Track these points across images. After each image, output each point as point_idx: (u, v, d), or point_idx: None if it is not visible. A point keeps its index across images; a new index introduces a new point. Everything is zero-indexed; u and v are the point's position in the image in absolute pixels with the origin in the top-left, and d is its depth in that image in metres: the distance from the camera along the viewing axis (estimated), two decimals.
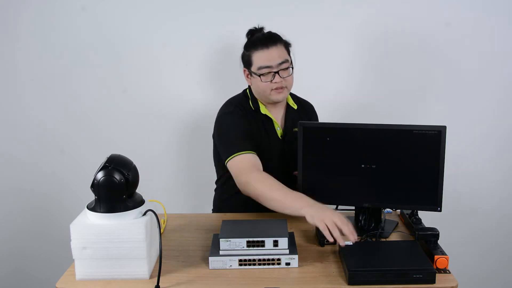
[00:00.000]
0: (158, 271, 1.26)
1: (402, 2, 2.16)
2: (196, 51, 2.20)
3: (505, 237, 2.39)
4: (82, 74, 2.23)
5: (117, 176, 1.27)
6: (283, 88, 1.73)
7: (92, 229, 1.26)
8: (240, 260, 1.34)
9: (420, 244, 1.42)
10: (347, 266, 1.28)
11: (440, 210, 1.53)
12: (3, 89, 2.25)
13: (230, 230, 1.40)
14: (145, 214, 1.32)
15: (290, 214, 1.46)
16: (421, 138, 1.50)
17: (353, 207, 1.67)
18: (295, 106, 1.86)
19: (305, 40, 2.07)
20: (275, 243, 1.34)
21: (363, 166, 1.56)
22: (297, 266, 1.35)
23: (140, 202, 1.33)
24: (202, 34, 2.18)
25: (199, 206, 2.31)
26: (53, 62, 2.21)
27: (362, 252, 1.38)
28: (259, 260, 1.34)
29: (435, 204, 1.53)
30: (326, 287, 1.26)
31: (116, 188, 1.27)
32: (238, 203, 1.75)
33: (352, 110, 2.24)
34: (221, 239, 1.35)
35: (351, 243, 1.40)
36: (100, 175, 1.27)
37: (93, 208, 1.29)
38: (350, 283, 1.26)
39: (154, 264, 1.37)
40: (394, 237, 1.56)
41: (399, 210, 1.76)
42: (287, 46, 1.76)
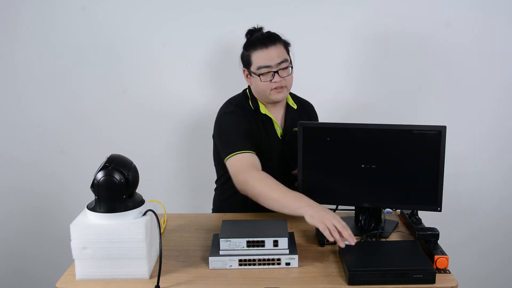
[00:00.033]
0: (158, 271, 1.26)
1: (402, 2, 2.16)
2: (196, 51, 2.20)
3: (505, 237, 2.39)
4: (82, 74, 2.23)
5: (117, 176, 1.27)
6: (283, 87, 1.73)
7: (92, 229, 1.27)
8: (240, 260, 1.34)
9: (420, 244, 1.42)
10: (347, 266, 1.28)
11: (440, 210, 1.53)
12: (3, 89, 2.25)
13: (230, 230, 1.40)
14: (145, 214, 1.32)
15: (289, 213, 1.46)
16: (421, 138, 1.50)
17: (353, 207, 1.67)
18: (295, 106, 1.86)
19: (305, 40, 2.08)
20: (275, 243, 1.34)
21: (363, 166, 1.56)
22: (297, 266, 1.35)
23: (140, 202, 1.33)
24: (202, 34, 2.18)
25: (199, 206, 2.31)
26: (53, 62, 2.21)
27: (362, 252, 1.38)
28: (259, 260, 1.34)
29: (435, 204, 1.53)
30: (326, 287, 1.26)
31: (116, 188, 1.27)
32: (238, 203, 1.76)
33: (352, 110, 2.24)
34: (221, 239, 1.35)
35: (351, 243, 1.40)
36: (100, 175, 1.27)
37: (93, 208, 1.29)
38: (350, 283, 1.26)
39: (154, 264, 1.37)
40: (394, 237, 1.56)
41: (399, 210, 1.76)
42: (286, 45, 1.76)
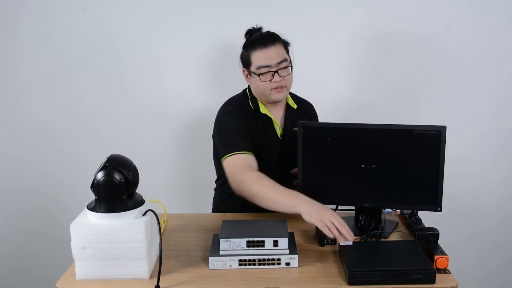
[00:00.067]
0: (158, 271, 1.26)
1: (402, 2, 2.15)
2: (196, 51, 2.20)
3: (505, 237, 2.39)
4: (82, 74, 2.23)
5: (117, 176, 1.27)
6: (283, 87, 1.73)
7: (92, 229, 1.27)
8: (240, 260, 1.34)
9: (420, 244, 1.42)
10: (347, 266, 1.28)
11: (440, 210, 1.53)
12: (3, 89, 2.25)
13: (230, 230, 1.40)
14: (145, 214, 1.32)
15: (286, 212, 1.46)
16: (421, 138, 1.50)
17: (353, 207, 1.67)
18: (295, 106, 1.86)
19: (305, 40, 2.08)
20: (275, 243, 1.34)
21: (363, 166, 1.56)
22: (297, 266, 1.35)
23: (140, 202, 1.33)
24: (202, 34, 2.18)
25: (199, 206, 2.31)
26: (53, 62, 2.21)
27: (362, 252, 1.38)
28: (259, 260, 1.34)
29: (435, 204, 1.53)
30: (326, 287, 1.26)
31: (116, 188, 1.27)
32: (238, 202, 1.75)
33: (352, 110, 2.24)
34: (221, 239, 1.35)
35: (351, 243, 1.40)
36: (100, 175, 1.27)
37: (93, 208, 1.29)
38: (350, 283, 1.26)
39: (154, 264, 1.37)
40: (394, 237, 1.56)
41: (399, 210, 1.76)
42: (286, 45, 1.76)
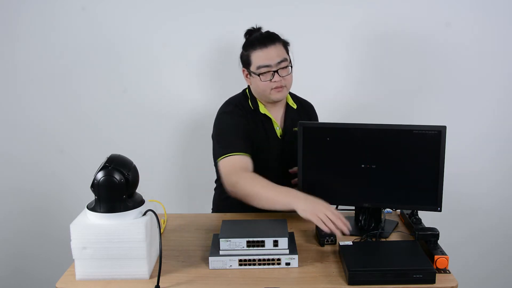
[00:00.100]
0: (158, 271, 1.26)
1: (402, 2, 2.15)
2: (196, 51, 2.20)
3: (505, 237, 2.39)
4: (82, 74, 2.23)
5: (117, 176, 1.27)
6: (283, 87, 1.73)
7: (92, 229, 1.27)
8: (240, 260, 1.34)
9: (420, 244, 1.42)
10: (347, 266, 1.28)
11: (440, 210, 1.53)
12: (3, 89, 2.25)
13: (230, 230, 1.40)
14: (145, 214, 1.32)
15: (281, 209, 1.46)
16: (421, 138, 1.50)
17: (353, 207, 1.67)
18: (295, 106, 1.86)
19: (305, 40, 2.08)
20: (275, 243, 1.34)
21: (363, 166, 1.56)
22: (297, 266, 1.35)
23: (140, 202, 1.33)
24: (202, 34, 2.17)
25: (199, 206, 2.31)
26: (53, 62, 2.21)
27: (362, 252, 1.38)
28: (259, 260, 1.34)
29: (435, 204, 1.53)
30: (326, 287, 1.26)
31: (116, 188, 1.27)
32: (238, 202, 1.74)
33: (352, 110, 2.24)
34: (221, 239, 1.35)
35: (351, 243, 1.40)
36: (100, 175, 1.27)
37: (93, 208, 1.29)
38: (350, 283, 1.26)
39: (154, 264, 1.37)
40: (394, 237, 1.56)
41: (399, 210, 1.75)
42: (286, 45, 1.76)
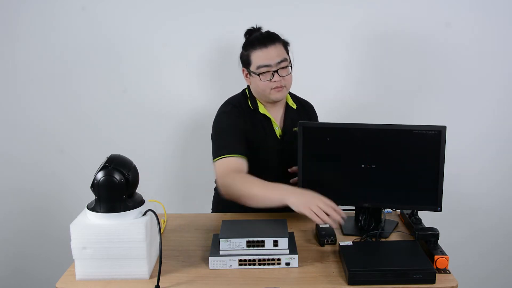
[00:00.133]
0: (158, 271, 1.26)
1: (402, 2, 2.15)
2: (196, 51, 2.20)
3: (505, 237, 2.39)
4: (82, 74, 2.23)
5: (117, 176, 1.27)
6: (282, 87, 1.73)
7: (92, 229, 1.26)
8: (240, 260, 1.34)
9: (420, 244, 1.42)
10: (347, 266, 1.28)
11: (440, 210, 1.53)
12: (3, 89, 2.25)
13: (230, 230, 1.40)
14: (145, 214, 1.32)
15: (275, 205, 1.46)
16: (421, 138, 1.50)
17: (353, 207, 1.67)
18: (295, 106, 1.86)
19: (305, 40, 2.08)
20: (275, 243, 1.34)
21: (363, 166, 1.56)
22: (297, 266, 1.35)
23: (140, 202, 1.33)
24: (202, 34, 2.18)
25: (199, 206, 2.31)
26: (53, 62, 2.21)
27: (362, 252, 1.38)
28: (259, 260, 1.34)
29: (435, 204, 1.53)
30: (326, 287, 1.26)
31: (116, 188, 1.27)
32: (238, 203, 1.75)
33: (352, 110, 2.24)
34: (221, 239, 1.35)
35: (351, 243, 1.40)
36: (100, 175, 1.27)
37: (93, 208, 1.29)
38: (350, 283, 1.26)
39: (154, 264, 1.37)
40: (394, 237, 1.56)
41: (399, 210, 1.75)
42: (286, 45, 1.76)
